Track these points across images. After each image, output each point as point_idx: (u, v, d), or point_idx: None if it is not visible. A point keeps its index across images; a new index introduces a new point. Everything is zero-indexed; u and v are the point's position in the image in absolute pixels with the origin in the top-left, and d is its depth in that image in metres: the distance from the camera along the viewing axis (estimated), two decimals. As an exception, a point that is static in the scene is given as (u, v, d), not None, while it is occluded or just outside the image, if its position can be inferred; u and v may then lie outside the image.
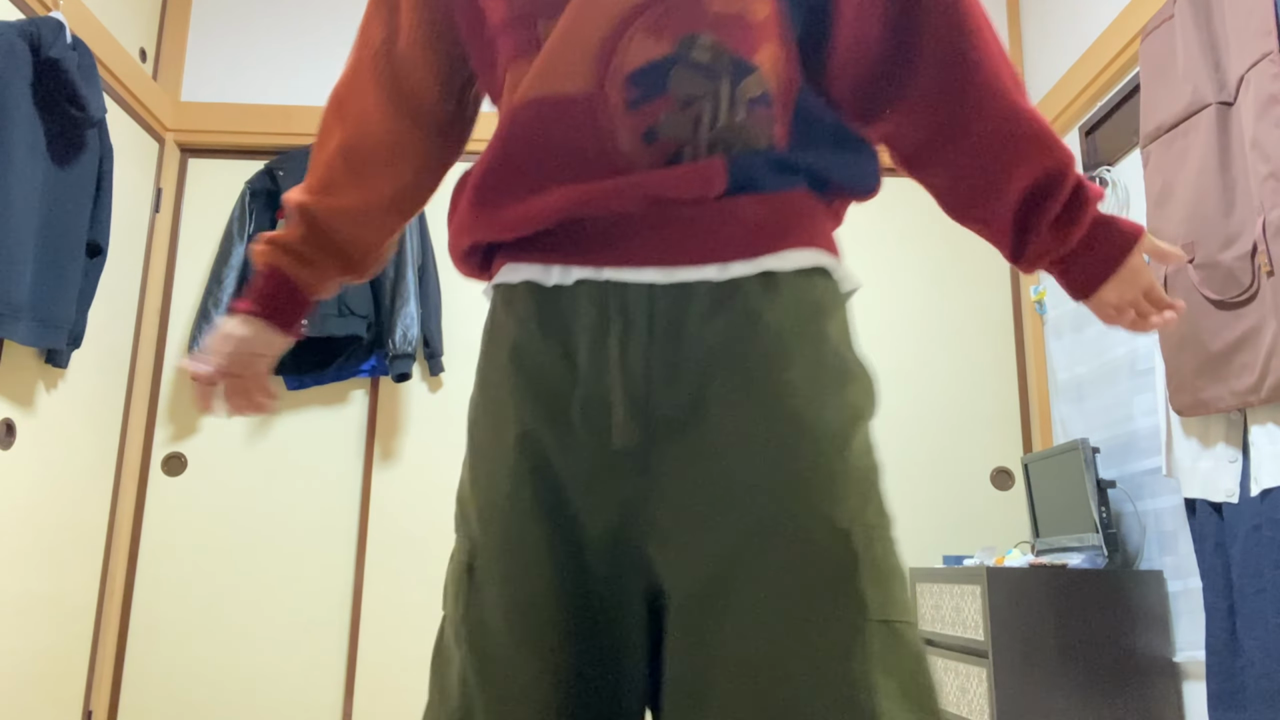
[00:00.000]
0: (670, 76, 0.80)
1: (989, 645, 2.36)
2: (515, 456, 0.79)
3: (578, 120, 0.80)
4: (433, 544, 3.02)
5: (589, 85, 0.80)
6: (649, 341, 0.77)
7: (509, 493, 0.79)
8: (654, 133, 0.80)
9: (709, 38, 0.80)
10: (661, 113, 0.80)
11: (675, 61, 0.80)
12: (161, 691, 2.91)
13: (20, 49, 2.31)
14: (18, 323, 2.29)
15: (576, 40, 0.80)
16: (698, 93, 0.80)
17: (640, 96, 0.80)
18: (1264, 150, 1.91)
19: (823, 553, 0.72)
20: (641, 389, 0.76)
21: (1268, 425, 1.98)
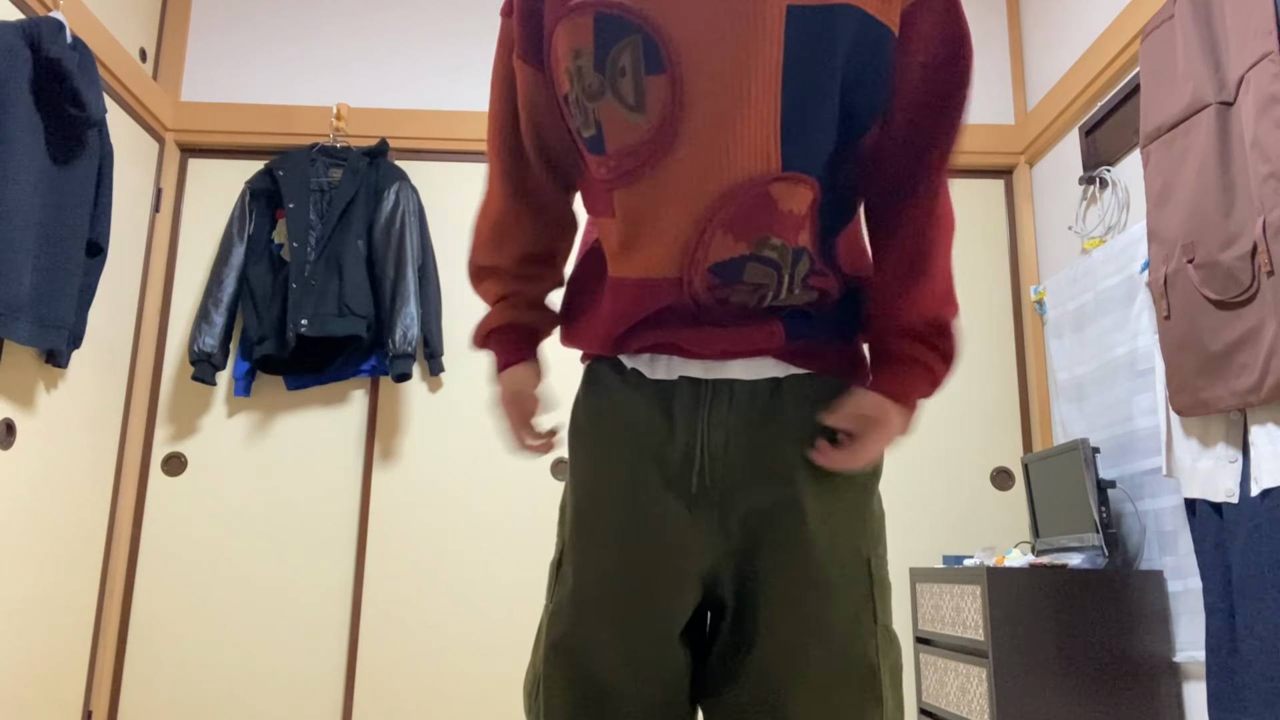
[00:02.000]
0: (745, 269, 1.00)
1: (989, 645, 2.36)
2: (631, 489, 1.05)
3: (668, 293, 1.02)
4: (433, 544, 3.02)
5: (677, 272, 1.00)
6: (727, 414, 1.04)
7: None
8: (728, 301, 1.02)
9: (777, 239, 0.99)
10: (737, 294, 1.01)
11: (750, 259, 0.99)
12: (161, 691, 2.91)
13: (20, 49, 2.31)
14: (18, 323, 2.29)
15: (666, 235, 0.99)
16: (765, 281, 1.01)
17: (719, 284, 1.01)
18: (1264, 150, 1.91)
19: (857, 572, 1.04)
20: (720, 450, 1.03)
21: (1268, 425, 1.98)
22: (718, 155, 0.95)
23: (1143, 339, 2.50)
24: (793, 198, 0.97)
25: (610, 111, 0.97)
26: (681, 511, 1.01)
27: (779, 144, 0.95)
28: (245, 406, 3.10)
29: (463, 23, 3.41)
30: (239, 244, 3.07)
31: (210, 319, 3.00)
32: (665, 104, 0.95)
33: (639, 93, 0.95)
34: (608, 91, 0.96)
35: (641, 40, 0.94)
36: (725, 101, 0.94)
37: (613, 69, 0.96)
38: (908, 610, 3.03)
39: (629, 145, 0.98)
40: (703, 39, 0.94)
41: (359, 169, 3.08)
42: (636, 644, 1.01)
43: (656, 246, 0.99)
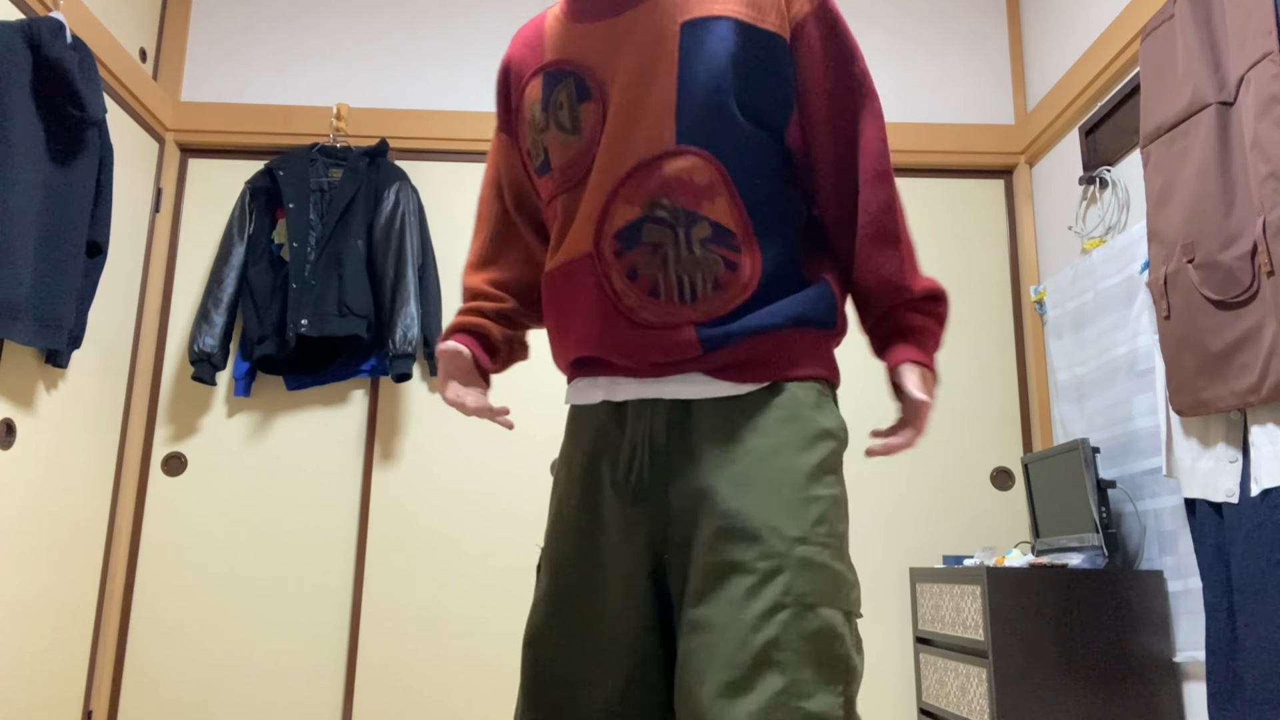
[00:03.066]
0: (642, 230, 1.14)
1: (989, 645, 2.36)
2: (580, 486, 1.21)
3: (582, 271, 1.16)
4: (433, 544, 3.02)
5: (590, 246, 1.15)
6: (667, 426, 1.16)
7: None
8: (635, 273, 1.14)
9: (667, 200, 1.14)
10: (638, 257, 1.14)
11: (645, 220, 1.14)
12: (161, 691, 2.91)
13: (20, 49, 2.31)
14: (18, 323, 2.29)
15: (583, 219, 1.16)
16: (661, 240, 1.14)
17: (623, 248, 1.14)
18: (1264, 150, 1.91)
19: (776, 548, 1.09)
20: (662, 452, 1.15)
21: (1268, 425, 1.98)
22: (624, 145, 1.16)
23: (1143, 339, 2.50)
24: (681, 167, 1.14)
25: (553, 138, 1.22)
26: (622, 511, 1.15)
27: (673, 125, 1.15)
28: (245, 406, 3.10)
29: (463, 23, 3.41)
30: (239, 244, 3.07)
31: (210, 319, 3.00)
32: (594, 123, 1.19)
33: (574, 118, 1.21)
34: (551, 124, 1.22)
35: (574, 80, 1.22)
36: (633, 103, 1.16)
37: (554, 106, 1.22)
38: (908, 610, 3.03)
39: (568, 159, 1.21)
40: (620, 64, 1.19)
41: (359, 169, 3.08)
42: (591, 638, 1.13)
43: (577, 230, 1.17)
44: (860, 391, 3.17)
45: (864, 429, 3.15)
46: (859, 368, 3.18)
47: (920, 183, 3.33)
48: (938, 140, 3.28)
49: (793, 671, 0.99)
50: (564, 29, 1.25)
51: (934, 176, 3.34)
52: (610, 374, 1.17)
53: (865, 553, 3.07)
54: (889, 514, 3.10)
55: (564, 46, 1.24)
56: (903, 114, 3.38)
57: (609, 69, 1.19)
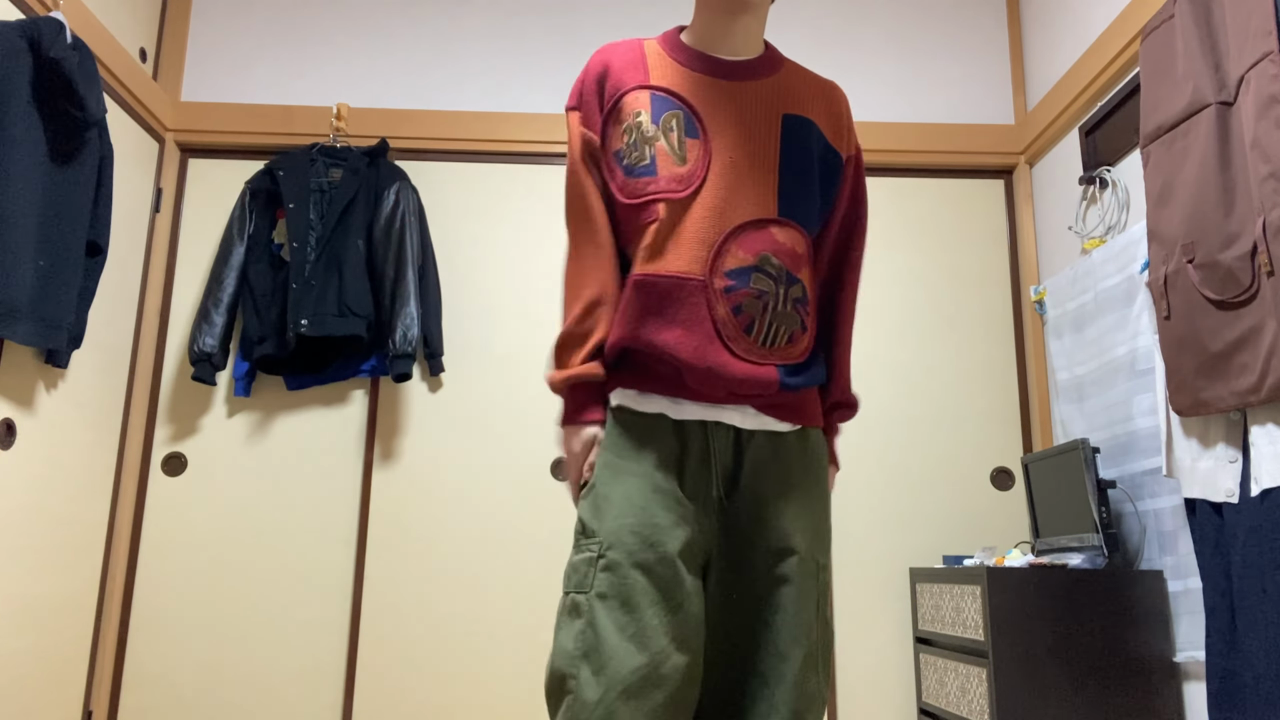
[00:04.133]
0: (751, 276, 1.35)
1: (989, 645, 2.36)
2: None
3: (694, 291, 1.34)
4: (433, 544, 3.02)
5: (702, 273, 1.34)
6: (733, 448, 1.39)
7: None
8: (739, 309, 1.34)
9: (775, 259, 1.37)
10: (745, 298, 1.35)
11: (755, 269, 1.36)
12: (161, 691, 2.91)
13: (20, 49, 2.31)
14: (18, 323, 2.29)
15: (695, 244, 1.35)
16: (766, 289, 1.36)
17: (733, 286, 1.35)
18: (1264, 150, 1.91)
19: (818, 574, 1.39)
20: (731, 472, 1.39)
21: (1268, 425, 1.98)
22: (733, 199, 1.38)
23: (1143, 339, 2.50)
24: (786, 236, 1.39)
25: (662, 151, 1.39)
26: (696, 515, 1.34)
27: (775, 198, 1.40)
28: (245, 406, 3.10)
29: (463, 23, 3.41)
30: (239, 244, 3.07)
31: (210, 319, 3.00)
32: (698, 159, 1.39)
33: (682, 146, 1.39)
34: (661, 138, 1.40)
35: (684, 114, 1.41)
36: (741, 162, 1.39)
37: (664, 126, 1.41)
38: (908, 610, 3.03)
39: (675, 174, 1.38)
40: (727, 123, 1.41)
41: (359, 169, 3.08)
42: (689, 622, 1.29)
43: (687, 251, 1.35)
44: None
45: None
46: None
47: (920, 183, 3.33)
48: (938, 140, 3.28)
49: (822, 671, 1.35)
50: (672, 68, 1.45)
51: (934, 176, 3.34)
52: (670, 394, 1.35)
53: (865, 553, 3.07)
54: (889, 514, 3.10)
55: (672, 80, 1.44)
56: (903, 114, 3.38)
57: (715, 122, 1.41)
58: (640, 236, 1.38)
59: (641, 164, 1.39)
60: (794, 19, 3.45)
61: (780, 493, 1.36)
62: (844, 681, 2.99)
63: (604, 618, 1.24)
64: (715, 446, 1.35)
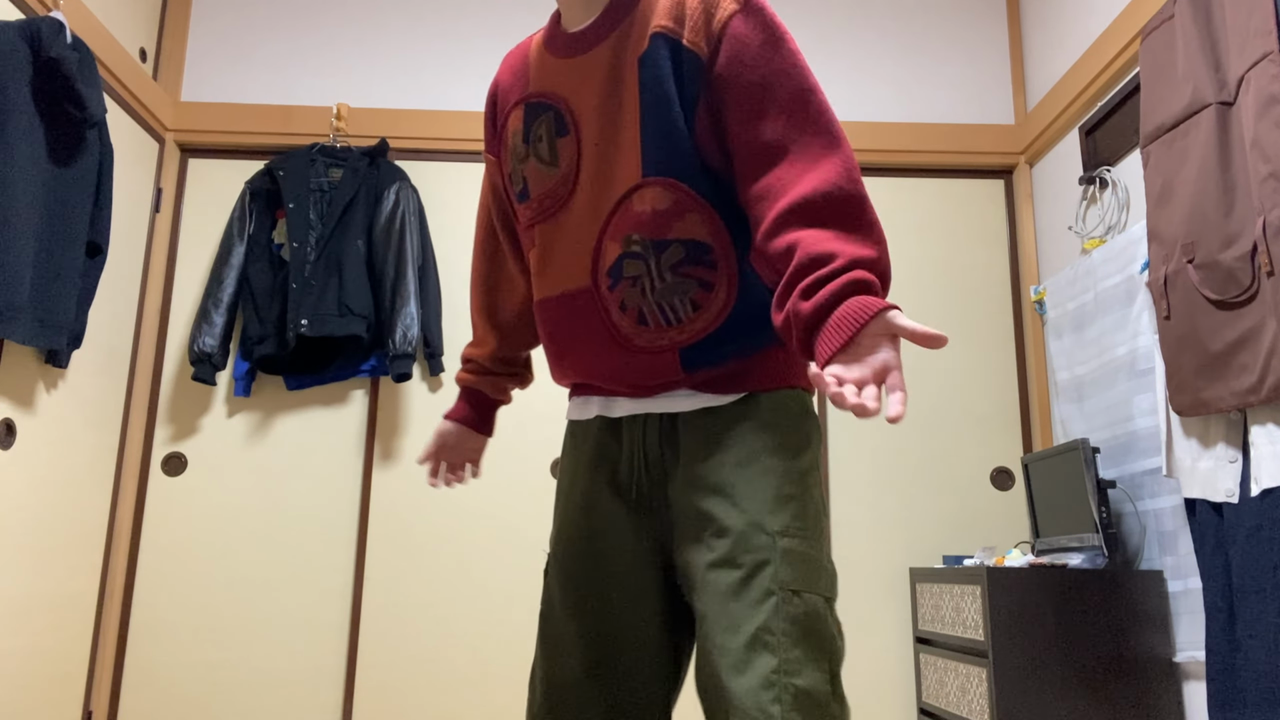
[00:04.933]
0: (623, 266, 1.21)
1: (989, 645, 2.36)
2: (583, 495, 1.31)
3: (585, 304, 1.24)
4: (433, 544, 3.02)
5: (589, 281, 1.23)
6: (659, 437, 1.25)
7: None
8: (625, 304, 1.21)
9: (637, 235, 1.20)
10: (624, 291, 1.21)
11: (623, 257, 1.21)
12: (161, 691, 2.91)
13: (20, 49, 2.31)
14: (18, 323, 2.29)
15: (575, 253, 1.24)
16: (637, 273, 1.21)
17: (613, 283, 1.22)
18: (1264, 150, 1.91)
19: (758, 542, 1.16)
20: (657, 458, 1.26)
21: (1268, 425, 1.98)
22: (604, 184, 1.22)
23: (1143, 339, 2.50)
24: (646, 199, 1.20)
25: (532, 168, 1.28)
26: (627, 516, 1.25)
27: (639, 161, 1.20)
28: (245, 406, 3.10)
29: (463, 23, 3.41)
30: (239, 244, 3.07)
31: (210, 319, 3.00)
32: (571, 157, 1.25)
33: (552, 151, 1.27)
34: (530, 156, 1.29)
35: (553, 115, 1.28)
36: (606, 142, 1.23)
37: (534, 138, 1.29)
38: (908, 610, 3.03)
39: (546, 190, 1.27)
40: (589, 102, 1.25)
41: (359, 169, 3.08)
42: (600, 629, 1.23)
43: (569, 262, 1.25)
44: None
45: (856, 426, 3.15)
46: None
47: (920, 183, 3.33)
48: (938, 140, 3.28)
49: (783, 651, 1.07)
50: (543, 60, 1.31)
51: (934, 176, 3.34)
52: (605, 394, 1.28)
53: (865, 553, 3.07)
54: (889, 514, 3.10)
55: (543, 78, 1.30)
56: (903, 114, 3.38)
57: (581, 106, 1.26)
58: (532, 262, 1.31)
59: (518, 189, 1.32)
60: (794, 19, 3.45)
61: (712, 469, 1.18)
62: (844, 681, 2.98)
63: (540, 625, 1.29)
64: (646, 438, 1.24)
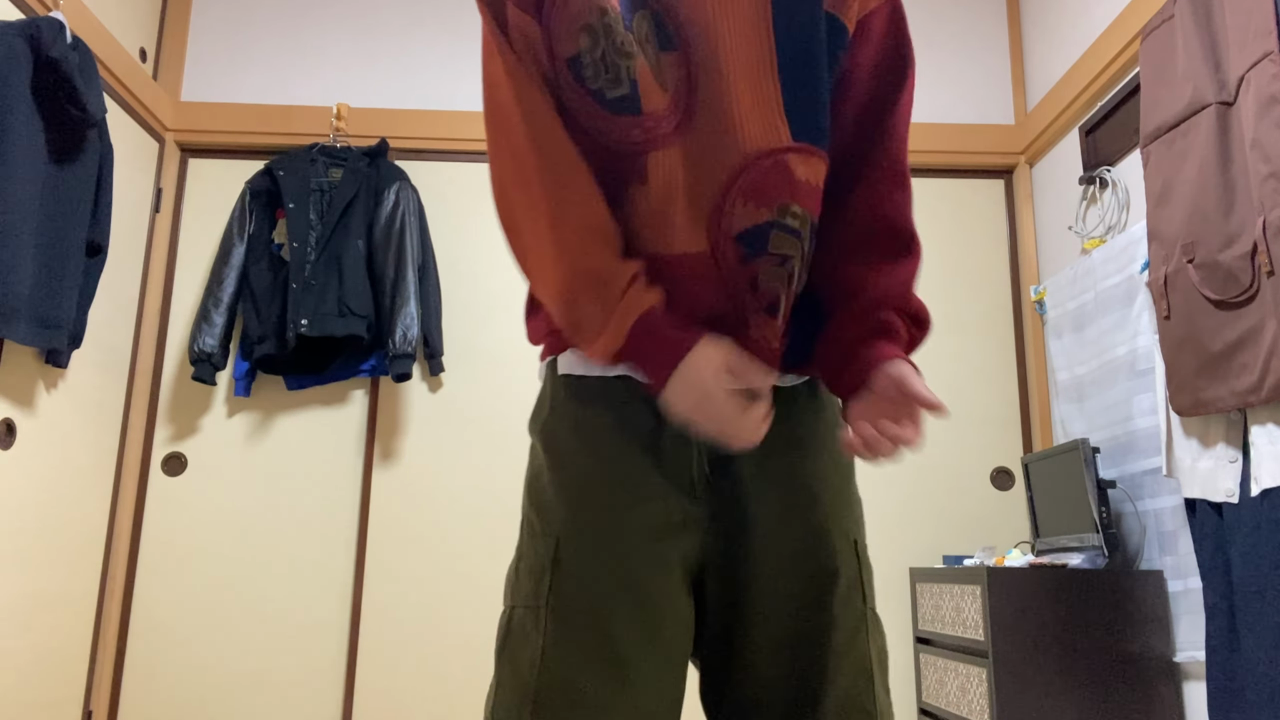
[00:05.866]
0: (769, 238, 0.98)
1: (989, 645, 2.36)
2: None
3: (701, 271, 0.98)
4: (433, 544, 3.02)
5: (707, 245, 0.97)
6: None
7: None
8: (757, 283, 0.99)
9: (798, 207, 0.99)
10: (765, 265, 0.98)
11: (774, 226, 0.98)
12: (161, 691, 2.91)
13: (20, 49, 2.31)
14: (18, 323, 2.29)
15: (694, 203, 0.97)
16: (791, 252, 0.99)
17: (748, 254, 0.98)
18: (1264, 150, 1.91)
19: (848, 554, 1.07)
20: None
21: (1268, 425, 1.98)
22: (731, 128, 0.97)
23: (1143, 339, 2.50)
24: (808, 168, 1.00)
25: (645, 74, 0.96)
26: (683, 500, 1.00)
27: (783, 120, 0.98)
28: (245, 406, 3.10)
29: (463, 22, 3.41)
30: (239, 244, 3.07)
31: (210, 319, 3.00)
32: (679, 80, 0.97)
33: (659, 65, 0.97)
34: (638, 52, 0.96)
35: (651, 15, 0.97)
36: (732, 82, 0.97)
37: (639, 34, 0.97)
38: (908, 610, 3.03)
39: (659, 109, 0.97)
40: (704, 21, 0.97)
41: (359, 169, 3.08)
42: (647, 626, 0.97)
43: (686, 216, 0.98)
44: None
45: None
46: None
47: (920, 183, 3.33)
48: (938, 140, 3.28)
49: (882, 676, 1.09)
50: None
51: (934, 176, 3.34)
52: None
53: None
54: (889, 514, 3.10)
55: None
56: (903, 114, 3.37)
57: (694, 22, 0.97)
58: (617, 196, 0.99)
59: (618, 92, 0.96)
60: (794, 19, 3.45)
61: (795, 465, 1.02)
62: (844, 681, 2.99)
63: (540, 636, 0.97)
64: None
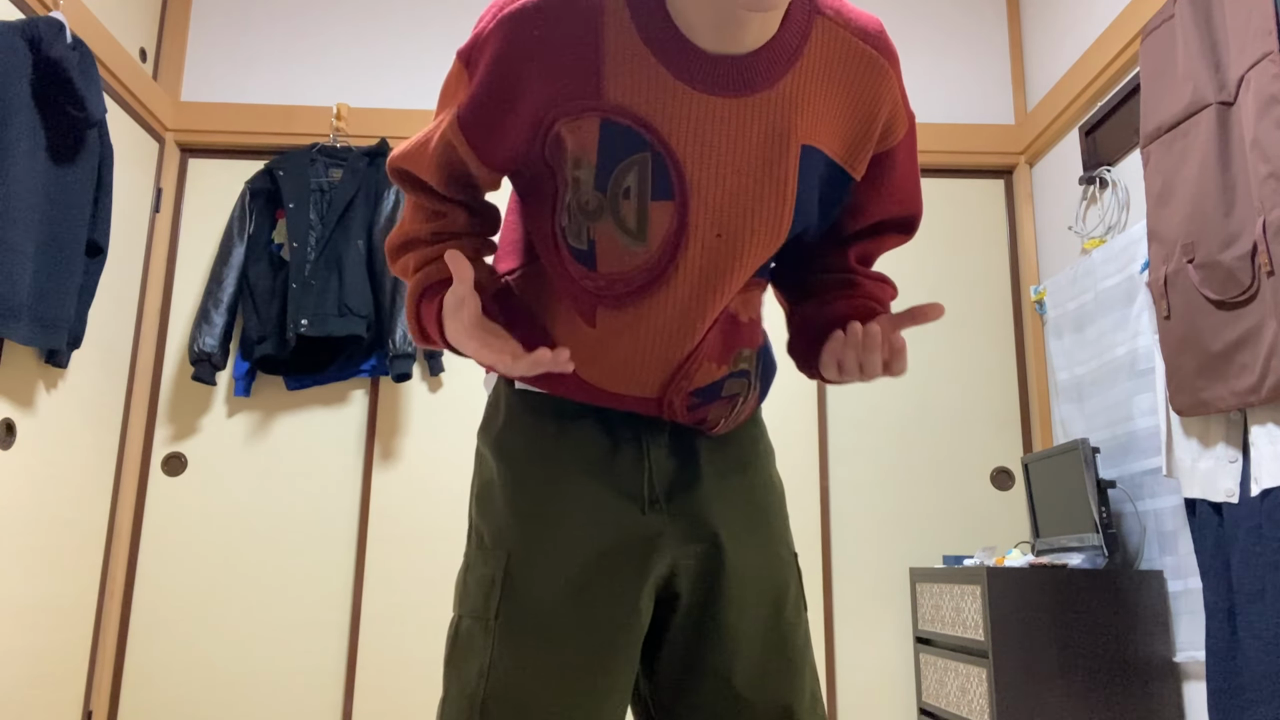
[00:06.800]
0: (724, 386, 1.01)
1: (989, 645, 2.36)
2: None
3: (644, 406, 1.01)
4: (433, 544, 3.02)
5: (657, 394, 1.00)
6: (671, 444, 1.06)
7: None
8: (705, 420, 1.03)
9: (746, 349, 1.02)
10: (713, 409, 1.02)
11: (729, 377, 1.01)
12: (161, 691, 2.91)
13: (20, 49, 2.31)
14: (18, 323, 2.29)
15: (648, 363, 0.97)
16: (739, 391, 1.03)
17: (700, 403, 1.01)
18: (1264, 150, 1.91)
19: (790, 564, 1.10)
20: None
21: (1268, 425, 1.98)
22: (717, 285, 0.91)
23: (1143, 339, 2.50)
24: (748, 306, 1.02)
25: (607, 234, 0.89)
26: (636, 515, 1.00)
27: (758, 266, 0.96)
28: (245, 406, 3.10)
29: (463, 23, 3.41)
30: (239, 244, 3.07)
31: (210, 319, 3.00)
32: (669, 232, 0.88)
33: (641, 218, 0.87)
34: (606, 214, 0.88)
35: (651, 160, 0.85)
36: (731, 241, 0.89)
37: (615, 189, 0.87)
38: (908, 610, 3.03)
39: (623, 272, 0.91)
40: (715, 174, 0.86)
41: (359, 169, 3.08)
42: (601, 646, 0.98)
43: (637, 371, 0.97)
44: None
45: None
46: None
47: (920, 183, 3.33)
48: (938, 140, 3.28)
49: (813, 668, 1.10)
50: (641, 59, 0.83)
51: (934, 176, 3.34)
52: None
53: (865, 553, 3.07)
54: (889, 514, 3.10)
55: (640, 90, 0.84)
56: (903, 114, 3.37)
57: (703, 171, 0.86)
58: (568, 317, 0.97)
59: (577, 246, 0.92)
60: (794, 19, 3.45)
61: (739, 486, 1.06)
62: (844, 681, 2.98)
63: (513, 652, 0.96)
64: (646, 438, 1.02)
